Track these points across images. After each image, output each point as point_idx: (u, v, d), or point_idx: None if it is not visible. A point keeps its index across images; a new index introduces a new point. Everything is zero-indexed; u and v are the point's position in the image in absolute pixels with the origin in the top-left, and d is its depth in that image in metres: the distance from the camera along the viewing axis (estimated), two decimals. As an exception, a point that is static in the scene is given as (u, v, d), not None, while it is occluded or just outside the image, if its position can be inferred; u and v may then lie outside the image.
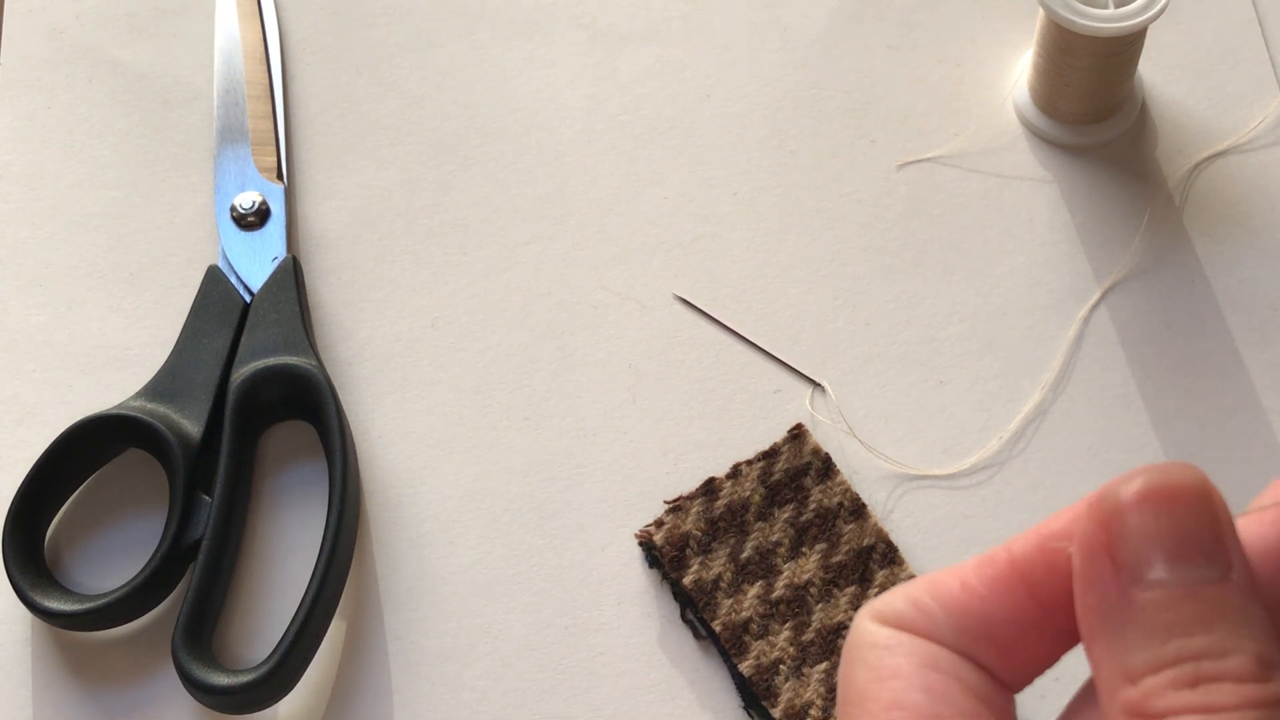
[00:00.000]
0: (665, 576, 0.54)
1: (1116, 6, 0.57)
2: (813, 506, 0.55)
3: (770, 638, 0.53)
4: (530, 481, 0.56)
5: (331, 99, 0.64)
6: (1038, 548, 0.30)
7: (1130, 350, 0.58)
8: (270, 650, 0.51)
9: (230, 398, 0.55)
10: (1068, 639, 0.31)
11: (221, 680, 0.51)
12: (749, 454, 0.56)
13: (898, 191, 0.61)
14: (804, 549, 0.54)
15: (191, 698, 0.52)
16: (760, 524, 0.55)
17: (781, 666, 0.52)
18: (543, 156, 0.63)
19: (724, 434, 0.57)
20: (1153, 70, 0.63)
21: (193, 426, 0.55)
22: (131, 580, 0.53)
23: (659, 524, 0.55)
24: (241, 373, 0.56)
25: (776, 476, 0.55)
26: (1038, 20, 0.60)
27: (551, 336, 0.59)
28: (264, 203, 0.60)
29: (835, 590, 0.53)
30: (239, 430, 0.55)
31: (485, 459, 0.57)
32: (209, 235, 0.61)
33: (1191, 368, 0.57)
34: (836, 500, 0.55)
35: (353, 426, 0.57)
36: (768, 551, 0.54)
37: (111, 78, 0.65)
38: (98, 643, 0.54)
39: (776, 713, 0.52)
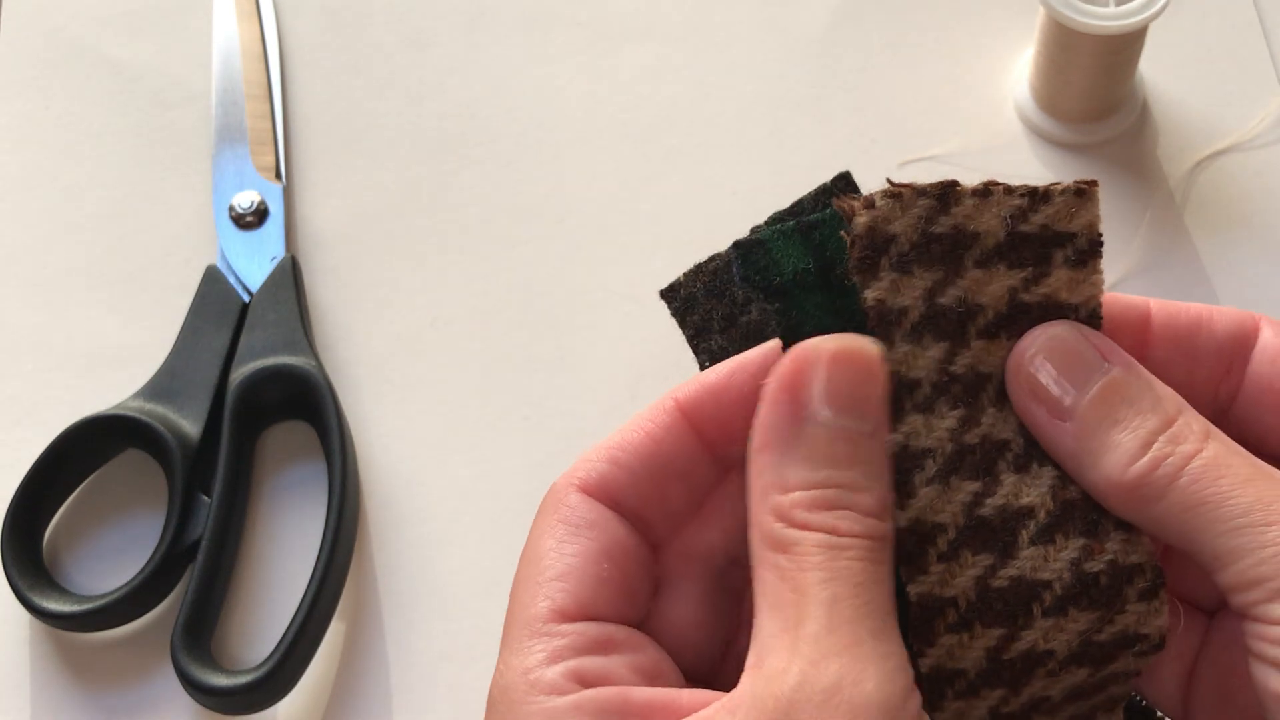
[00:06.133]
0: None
1: (1117, 5, 0.57)
2: (1044, 292, 0.39)
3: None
4: (530, 481, 0.56)
5: (330, 99, 0.64)
6: (703, 391, 0.38)
7: (1131, 349, 0.58)
8: (270, 651, 0.51)
9: (229, 398, 0.55)
10: (719, 471, 0.39)
11: (221, 681, 0.50)
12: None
13: (898, 191, 0.61)
14: (1000, 333, 0.39)
15: (191, 698, 0.52)
16: (977, 271, 0.39)
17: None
18: (542, 156, 0.62)
19: (724, 433, 0.57)
20: (1154, 69, 0.63)
21: (192, 427, 0.55)
22: (131, 580, 0.52)
23: (868, 204, 0.38)
24: (240, 373, 0.56)
25: (1029, 228, 0.39)
26: (1038, 18, 0.60)
27: (551, 336, 0.59)
28: (262, 202, 0.60)
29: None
30: (238, 430, 0.55)
31: (485, 459, 0.57)
32: (208, 235, 0.61)
33: (1192, 367, 0.57)
34: (1078, 300, 0.40)
35: (352, 426, 0.57)
36: (970, 308, 0.39)
37: (109, 77, 0.64)
38: (98, 643, 0.54)
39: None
